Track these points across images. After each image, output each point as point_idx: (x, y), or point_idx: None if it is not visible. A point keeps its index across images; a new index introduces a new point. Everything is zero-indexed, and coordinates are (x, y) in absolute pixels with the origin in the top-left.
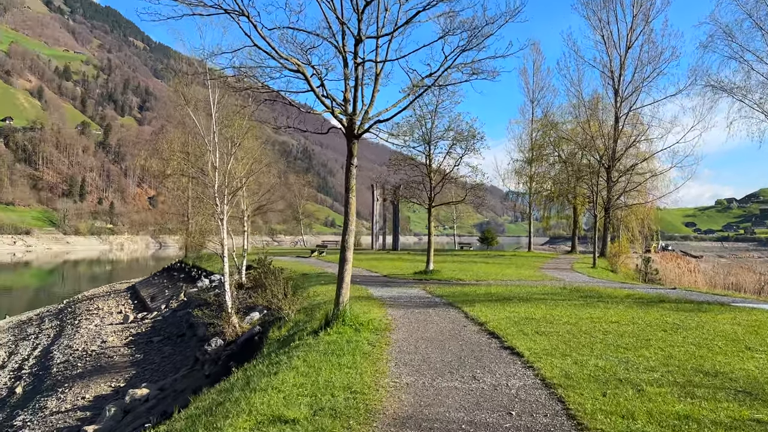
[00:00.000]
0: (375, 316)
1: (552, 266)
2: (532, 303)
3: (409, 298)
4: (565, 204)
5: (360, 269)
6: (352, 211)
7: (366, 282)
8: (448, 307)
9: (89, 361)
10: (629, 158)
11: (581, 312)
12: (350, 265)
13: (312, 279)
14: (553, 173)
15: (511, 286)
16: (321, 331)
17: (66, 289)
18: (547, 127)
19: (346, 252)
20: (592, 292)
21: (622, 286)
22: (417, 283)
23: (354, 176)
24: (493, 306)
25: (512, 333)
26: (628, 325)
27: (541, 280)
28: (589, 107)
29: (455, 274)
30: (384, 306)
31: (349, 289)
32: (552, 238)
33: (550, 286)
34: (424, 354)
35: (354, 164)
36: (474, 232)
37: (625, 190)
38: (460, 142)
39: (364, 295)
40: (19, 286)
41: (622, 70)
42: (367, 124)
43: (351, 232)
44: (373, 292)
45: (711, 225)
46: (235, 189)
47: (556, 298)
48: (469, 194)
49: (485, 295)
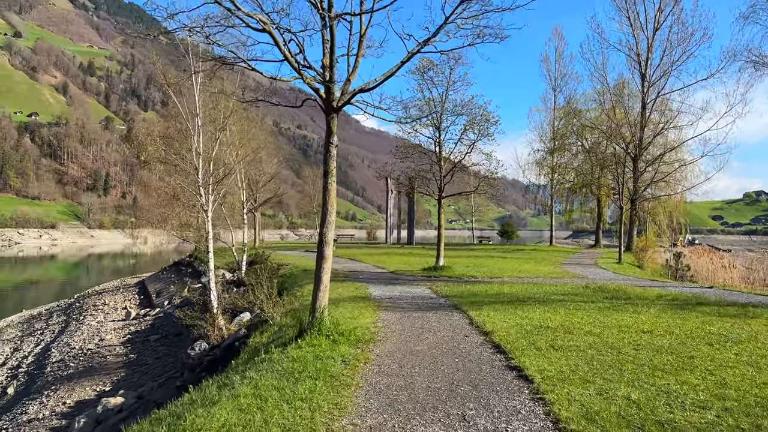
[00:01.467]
0: (363, 322)
1: (574, 261)
2: (549, 306)
3: (411, 298)
4: (589, 196)
5: (367, 265)
6: (331, 199)
7: (369, 279)
8: (451, 311)
9: (82, 361)
10: (657, 147)
11: (607, 318)
12: (329, 263)
13: (311, 275)
14: (576, 164)
15: (528, 284)
16: (291, 342)
17: (90, 282)
18: (570, 115)
19: (324, 248)
20: (618, 293)
21: (652, 284)
22: (424, 281)
23: (334, 158)
24: (504, 310)
25: (522, 347)
26: (663, 337)
27: (561, 278)
28: (614, 93)
29: (467, 271)
30: (379, 308)
31: (328, 292)
32: (575, 232)
33: (571, 284)
34: (408, 377)
35: (333, 143)
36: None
37: (653, 180)
38: (473, 127)
39: (361, 294)
40: (44, 280)
41: (649, 53)
42: (349, 95)
43: (330, 224)
44: (372, 291)
45: (739, 218)
46: (221, 177)
47: (577, 299)
48: (482, 184)
49: (496, 296)
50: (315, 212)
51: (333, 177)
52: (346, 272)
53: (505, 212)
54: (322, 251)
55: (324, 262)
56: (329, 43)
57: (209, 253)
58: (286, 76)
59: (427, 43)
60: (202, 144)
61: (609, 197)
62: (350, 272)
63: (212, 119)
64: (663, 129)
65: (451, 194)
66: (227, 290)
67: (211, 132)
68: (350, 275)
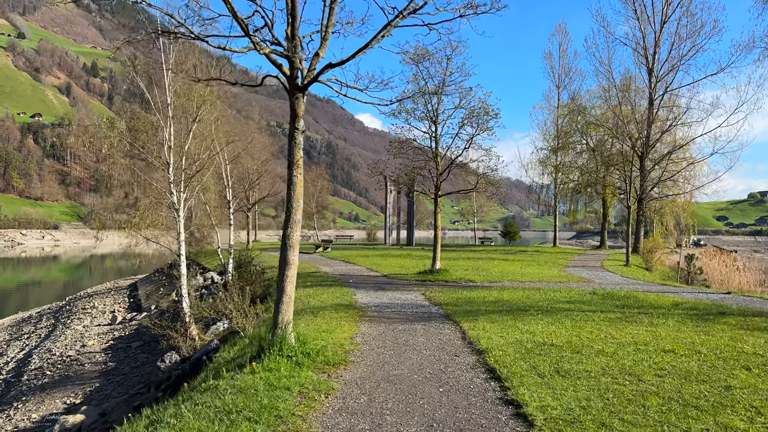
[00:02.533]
0: (338, 337)
1: (579, 264)
2: (554, 317)
3: (400, 306)
4: (594, 196)
5: (361, 267)
6: (296, 195)
7: (359, 284)
8: (443, 322)
9: (59, 369)
10: (664, 145)
11: (620, 332)
12: (294, 271)
13: (299, 280)
14: (581, 162)
15: (530, 289)
16: (247, 365)
17: (93, 282)
18: (575, 113)
19: (288, 253)
20: (629, 300)
21: (664, 290)
22: (417, 286)
23: (300, 146)
24: (502, 321)
25: (521, 372)
26: (689, 357)
27: (566, 282)
28: (620, 89)
29: (465, 274)
30: (362, 319)
31: (293, 304)
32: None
33: (578, 290)
34: (377, 415)
35: (299, 129)
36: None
37: (660, 179)
38: (472, 120)
39: (346, 301)
40: (46, 280)
41: (656, 47)
42: (317, 71)
43: (295, 224)
44: (360, 297)
45: (744, 219)
46: (194, 172)
47: (585, 308)
48: (482, 181)
49: (494, 304)
50: (313, 213)
51: (299, 169)
52: (336, 276)
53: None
54: (286, 257)
55: (288, 269)
56: (290, 5)
57: (181, 256)
58: (243, 48)
59: (410, 13)
60: (173, 136)
61: (615, 197)
62: (341, 276)
63: (184, 111)
64: (671, 126)
65: (448, 192)
66: (213, 294)
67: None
68: (340, 279)
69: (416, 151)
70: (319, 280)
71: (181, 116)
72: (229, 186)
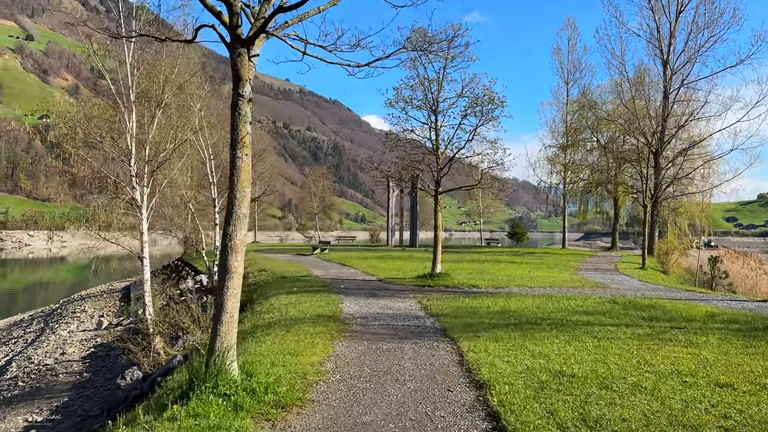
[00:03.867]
0: (303, 364)
1: (591, 266)
2: (571, 332)
3: (390, 318)
4: (605, 195)
5: (356, 271)
6: (241, 182)
7: (350, 289)
8: (437, 339)
9: (33, 380)
10: (680, 142)
11: (655, 354)
12: (237, 280)
13: (286, 284)
14: (591, 160)
15: (540, 297)
16: (168, 407)
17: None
18: (585, 108)
19: (228, 258)
20: (656, 310)
21: (690, 296)
22: (414, 292)
23: (246, 119)
24: (509, 338)
25: (535, 421)
26: (757, 396)
27: (579, 287)
28: (634, 83)
29: (468, 279)
30: (341, 335)
31: (236, 324)
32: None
33: (595, 297)
34: None
35: (245, 96)
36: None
37: (676, 177)
38: (475, 109)
39: (329, 311)
40: (52, 281)
41: (672, 38)
42: (265, 19)
43: (239, 219)
44: (346, 306)
45: (753, 220)
46: (159, 164)
47: (606, 320)
48: (486, 176)
49: (500, 315)
50: (316, 213)
51: (245, 149)
52: (327, 280)
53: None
54: (226, 263)
55: (229, 279)
56: None
57: (144, 260)
58: None
59: None
60: (135, 123)
61: (627, 196)
62: (332, 280)
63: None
64: (688, 120)
65: (450, 189)
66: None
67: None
68: (330, 284)
69: (414, 144)
70: (306, 285)
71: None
72: (214, 183)
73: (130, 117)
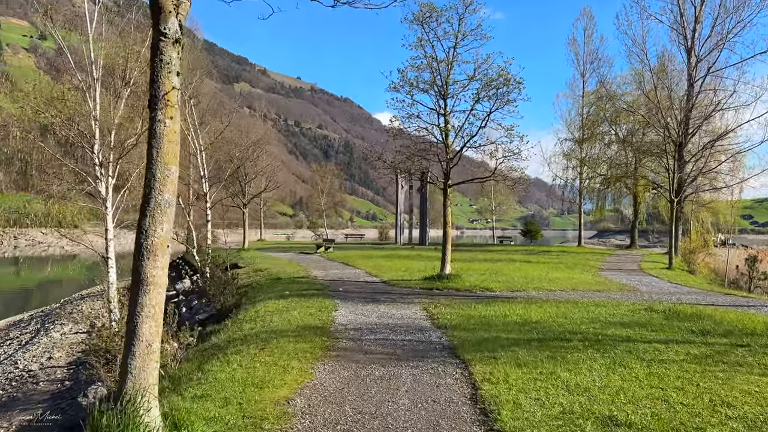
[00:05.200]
0: (266, 400)
1: (613, 266)
2: (611, 352)
3: (390, 330)
4: (623, 191)
5: (359, 271)
6: (164, 156)
7: (349, 293)
8: (444, 362)
9: (13, 388)
10: (705, 134)
11: (729, 389)
12: (157, 295)
13: (279, 287)
14: (609, 154)
15: (564, 302)
16: None
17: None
18: (603, 100)
19: (144, 264)
20: (703, 320)
21: (735, 302)
22: (421, 296)
23: (171, 68)
24: (535, 362)
25: None
26: None
27: (605, 290)
28: (657, 70)
29: (481, 281)
30: (326, 356)
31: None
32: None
33: (627, 303)
34: None
35: (169, 35)
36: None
37: (701, 171)
38: (489, 92)
39: (318, 322)
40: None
41: (697, 23)
42: None
43: (161, 209)
44: (340, 314)
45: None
46: (126, 150)
47: (648, 335)
48: (502, 166)
49: (521, 328)
50: (324, 210)
51: (169, 110)
52: (325, 282)
53: (528, 211)
54: (141, 269)
55: (144, 293)
56: None
57: (109, 260)
58: None
59: None
60: (99, 103)
61: (647, 192)
62: (331, 282)
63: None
64: (716, 110)
65: (461, 182)
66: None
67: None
68: (328, 287)
69: (421, 131)
70: (302, 288)
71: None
72: (205, 176)
73: (93, 97)
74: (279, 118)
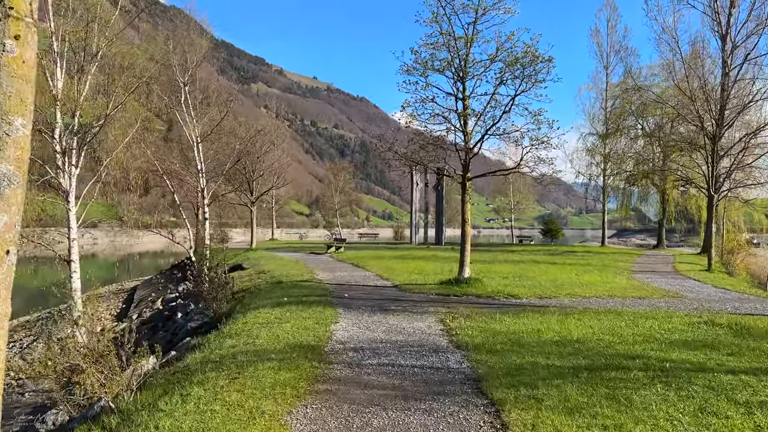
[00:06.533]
0: None
1: (646, 268)
2: (689, 390)
3: (398, 352)
4: (649, 188)
5: (369, 274)
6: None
7: (354, 299)
8: (467, 402)
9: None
10: (742, 125)
11: None
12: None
13: (278, 292)
14: (635, 150)
15: (605, 313)
16: None
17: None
18: (629, 92)
19: None
20: None
21: None
22: (437, 304)
23: None
24: (590, 406)
25: None
26: None
27: (647, 297)
28: (691, 58)
29: (504, 286)
30: (308, 391)
31: None
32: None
33: (680, 314)
34: None
35: None
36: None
37: (738, 165)
38: (514, 71)
39: (310, 339)
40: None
41: (732, 7)
42: None
43: None
44: (340, 327)
45: None
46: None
47: (726, 362)
48: (527, 157)
49: (560, 350)
50: (337, 208)
51: (17, 28)
52: (330, 287)
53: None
54: None
55: None
56: None
57: (72, 263)
58: None
59: None
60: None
61: (675, 189)
62: (337, 286)
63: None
64: (754, 99)
65: (481, 174)
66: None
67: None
68: (333, 292)
69: (434, 117)
70: (303, 293)
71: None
72: (202, 171)
73: (54, 73)
74: (296, 118)
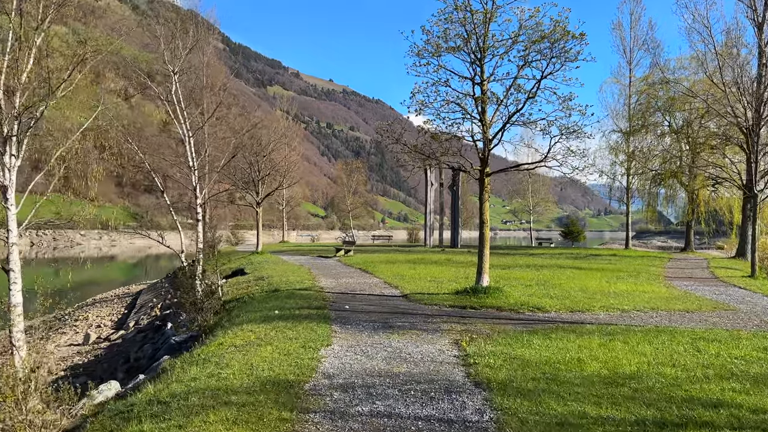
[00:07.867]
0: None
1: (681, 273)
2: None
3: (399, 392)
4: (676, 187)
5: (377, 281)
6: None
7: (356, 313)
8: None
9: None
10: None
11: None
12: None
13: (271, 303)
14: (662, 147)
15: (656, 333)
16: None
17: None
18: (656, 86)
19: None
20: None
21: None
22: (452, 320)
23: None
24: None
25: None
26: None
27: (696, 310)
28: (726, 47)
29: (529, 297)
30: None
31: None
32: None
33: (747, 335)
34: None
35: None
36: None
37: None
38: (541, 47)
39: (290, 373)
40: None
41: None
42: None
43: None
44: (331, 352)
45: None
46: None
47: None
48: (556, 149)
49: (612, 391)
50: (350, 210)
51: None
52: (330, 296)
53: (563, 212)
54: None
55: None
56: None
57: (11, 272)
58: None
59: None
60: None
61: (705, 188)
62: (338, 296)
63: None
64: None
65: (502, 169)
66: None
67: None
68: (333, 303)
69: (449, 105)
70: (298, 304)
71: None
72: (194, 167)
73: None
74: (312, 120)
